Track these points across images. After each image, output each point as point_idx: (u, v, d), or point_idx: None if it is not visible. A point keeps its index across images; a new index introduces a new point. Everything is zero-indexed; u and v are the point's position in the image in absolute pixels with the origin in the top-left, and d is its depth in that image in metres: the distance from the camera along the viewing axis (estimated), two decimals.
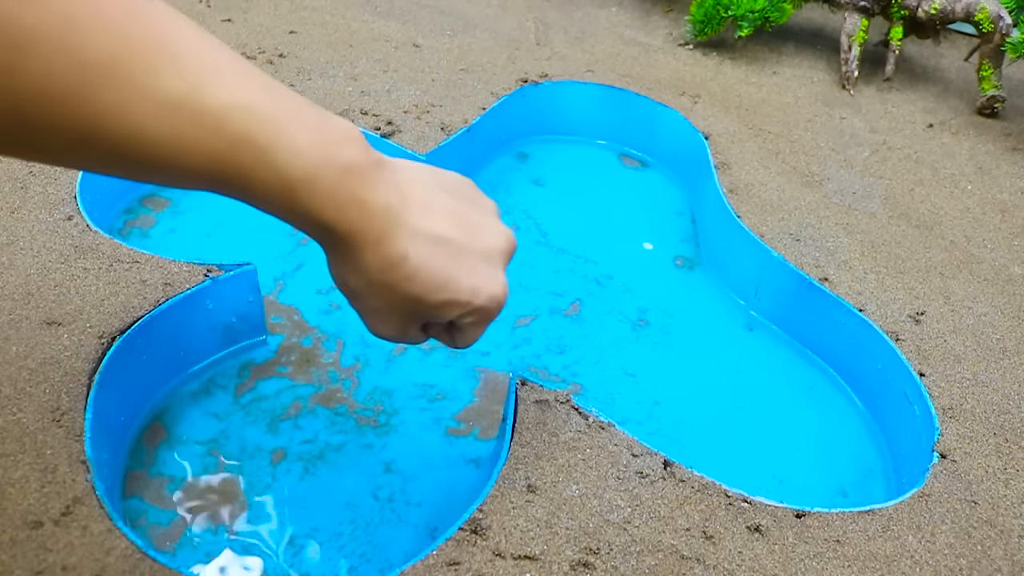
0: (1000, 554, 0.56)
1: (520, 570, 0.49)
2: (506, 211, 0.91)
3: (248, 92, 0.33)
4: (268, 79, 0.35)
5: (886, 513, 0.57)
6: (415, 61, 1.04)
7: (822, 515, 0.56)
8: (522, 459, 0.55)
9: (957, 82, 1.20)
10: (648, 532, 0.53)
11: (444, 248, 0.41)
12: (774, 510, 0.56)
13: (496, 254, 0.45)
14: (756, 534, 0.54)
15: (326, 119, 0.36)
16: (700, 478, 0.57)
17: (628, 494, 0.55)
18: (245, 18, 1.10)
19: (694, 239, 0.91)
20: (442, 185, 0.44)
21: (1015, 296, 0.79)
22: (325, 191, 0.35)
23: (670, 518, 0.54)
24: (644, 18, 1.27)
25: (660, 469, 0.57)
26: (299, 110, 0.35)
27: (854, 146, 1.01)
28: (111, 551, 0.48)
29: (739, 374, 0.77)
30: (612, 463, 0.56)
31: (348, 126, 0.37)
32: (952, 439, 0.64)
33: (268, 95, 0.34)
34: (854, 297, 0.75)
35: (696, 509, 0.55)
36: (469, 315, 0.44)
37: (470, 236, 0.43)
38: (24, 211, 0.71)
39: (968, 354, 0.72)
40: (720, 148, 0.94)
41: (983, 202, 0.93)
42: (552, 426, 0.58)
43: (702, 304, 0.83)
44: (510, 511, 0.53)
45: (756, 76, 1.14)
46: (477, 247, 0.43)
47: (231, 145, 0.33)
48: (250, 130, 0.33)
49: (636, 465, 0.56)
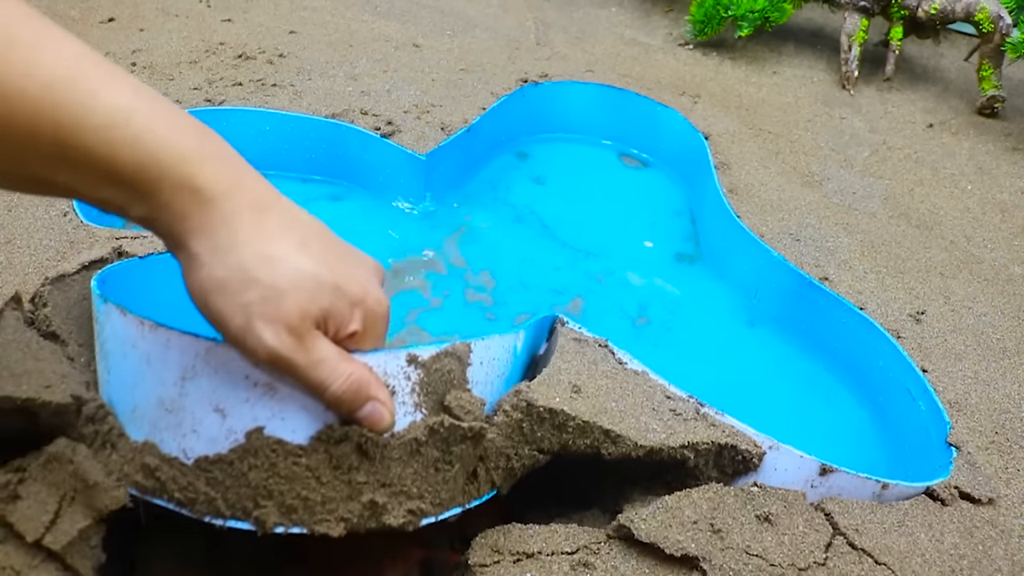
0: (1000, 554, 0.55)
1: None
2: (507, 209, 0.91)
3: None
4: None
5: (902, 508, 0.56)
6: (415, 61, 1.04)
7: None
8: (564, 370, 0.54)
9: (957, 82, 1.20)
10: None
11: (324, 239, 0.41)
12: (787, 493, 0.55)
13: (371, 268, 0.44)
14: (766, 523, 0.54)
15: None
16: (731, 425, 0.55)
17: (663, 424, 0.54)
18: (245, 18, 1.10)
19: (694, 237, 0.91)
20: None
21: (1015, 296, 0.79)
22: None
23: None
24: (644, 18, 1.27)
25: (693, 412, 0.55)
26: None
27: (854, 146, 1.01)
28: None
29: (740, 371, 0.77)
30: (648, 397, 0.55)
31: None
32: (963, 432, 0.64)
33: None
34: (854, 296, 0.75)
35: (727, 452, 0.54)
36: (360, 317, 0.41)
37: (342, 247, 0.42)
38: (21, 208, 0.71)
39: (968, 353, 0.72)
40: (720, 148, 0.94)
41: (983, 202, 0.93)
42: (591, 357, 0.57)
43: (703, 301, 0.83)
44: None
45: (756, 76, 1.14)
46: (357, 252, 0.43)
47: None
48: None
49: (670, 405, 0.55)
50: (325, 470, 0.43)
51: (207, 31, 1.07)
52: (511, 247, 0.87)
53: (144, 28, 1.06)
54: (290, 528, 0.43)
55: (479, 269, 0.83)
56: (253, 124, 0.87)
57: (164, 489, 0.43)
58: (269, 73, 0.97)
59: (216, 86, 0.93)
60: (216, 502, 0.43)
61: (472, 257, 0.85)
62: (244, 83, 0.94)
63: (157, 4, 1.14)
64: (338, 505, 0.44)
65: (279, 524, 0.43)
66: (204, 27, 1.08)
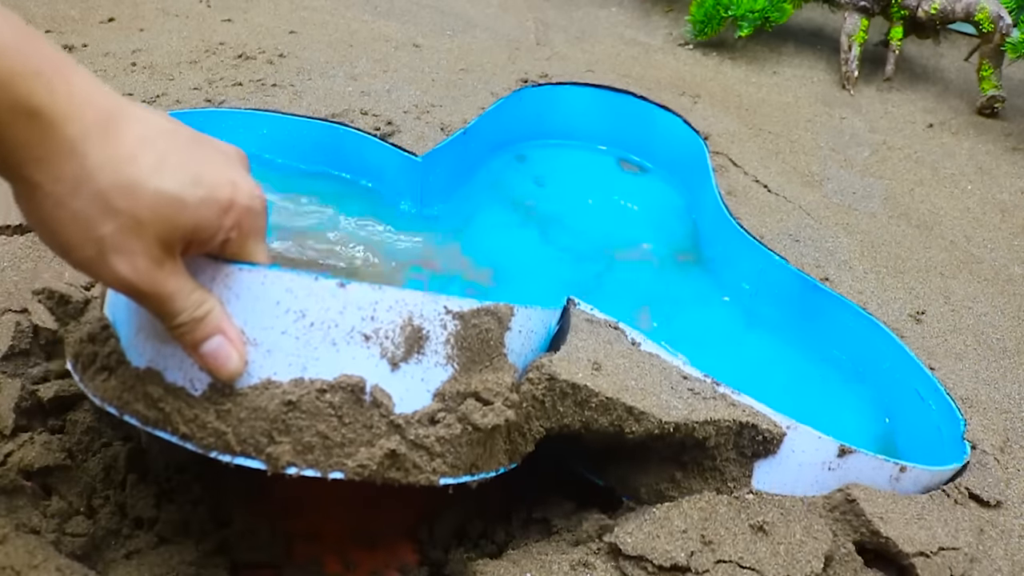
0: (1000, 554, 0.55)
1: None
2: (507, 209, 0.91)
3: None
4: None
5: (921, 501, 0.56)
6: (415, 61, 1.04)
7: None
8: (581, 348, 0.53)
9: (957, 82, 1.20)
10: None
11: (181, 145, 0.37)
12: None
13: (235, 159, 0.41)
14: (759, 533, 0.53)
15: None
16: (750, 404, 0.54)
17: (684, 402, 0.52)
18: (245, 18, 1.10)
19: (694, 237, 0.91)
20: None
21: (1015, 296, 0.79)
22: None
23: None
24: (644, 18, 1.27)
25: (711, 391, 0.54)
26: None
27: (854, 146, 1.01)
28: None
29: (740, 372, 0.76)
30: (665, 376, 0.54)
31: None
32: (977, 430, 0.64)
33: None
34: (855, 296, 0.75)
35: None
36: (233, 222, 0.39)
37: (201, 148, 0.39)
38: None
39: (968, 353, 0.72)
40: (720, 148, 0.94)
41: (983, 202, 0.93)
42: (606, 337, 0.56)
43: (702, 303, 0.83)
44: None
45: (756, 76, 1.14)
46: (216, 145, 0.40)
47: None
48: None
49: (687, 384, 0.54)
50: (349, 409, 0.41)
51: (207, 31, 1.07)
52: (511, 247, 0.87)
53: (144, 28, 1.06)
54: (303, 470, 0.41)
55: (479, 269, 0.83)
56: (252, 125, 0.87)
57: (168, 421, 0.41)
58: (269, 73, 0.97)
59: (216, 86, 0.93)
60: (226, 436, 0.41)
61: (472, 257, 0.85)
62: (244, 83, 0.94)
63: (157, 4, 1.14)
64: (357, 449, 0.42)
65: (292, 464, 0.41)
66: (204, 27, 1.08)
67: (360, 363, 0.42)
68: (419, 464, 0.43)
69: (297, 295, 0.41)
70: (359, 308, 0.42)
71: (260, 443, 0.41)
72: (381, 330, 0.43)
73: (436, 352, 0.44)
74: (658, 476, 0.54)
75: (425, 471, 0.43)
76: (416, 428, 0.43)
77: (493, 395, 0.45)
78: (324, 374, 0.41)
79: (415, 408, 0.43)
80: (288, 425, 0.41)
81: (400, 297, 0.43)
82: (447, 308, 0.44)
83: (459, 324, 0.45)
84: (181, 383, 0.41)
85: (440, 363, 0.44)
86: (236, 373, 0.41)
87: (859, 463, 0.55)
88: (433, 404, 0.44)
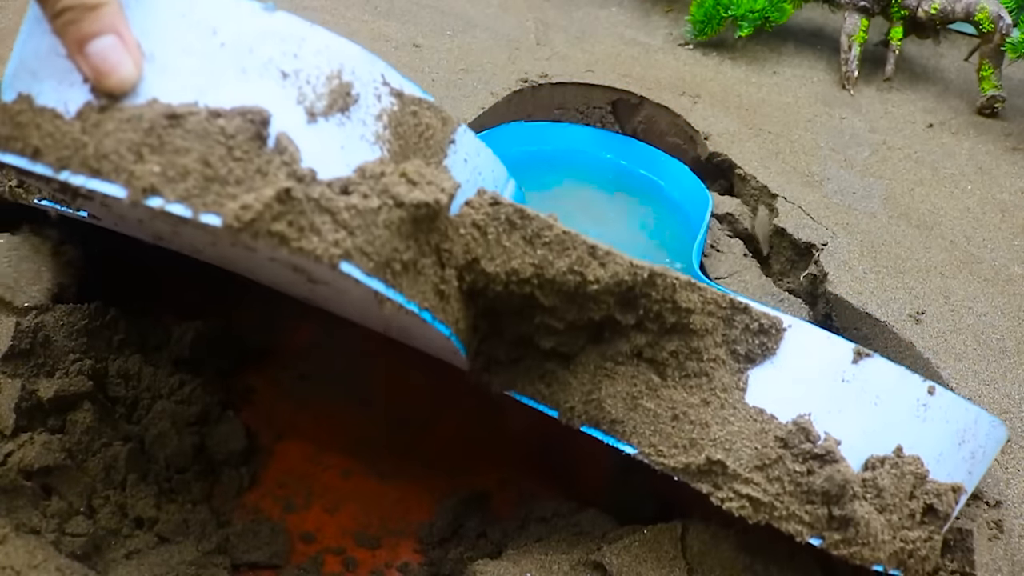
0: (1000, 554, 0.55)
1: None
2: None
3: None
4: None
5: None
6: (415, 61, 1.04)
7: None
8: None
9: (957, 82, 1.20)
10: None
11: None
12: None
13: None
14: None
15: None
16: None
17: (659, 264, 0.45)
18: None
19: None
20: None
21: (1015, 296, 0.79)
22: None
23: None
24: (644, 18, 1.27)
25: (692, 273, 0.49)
26: None
27: (854, 146, 1.01)
28: None
29: None
30: (633, 248, 0.49)
31: None
32: None
33: None
34: (854, 297, 0.75)
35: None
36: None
37: None
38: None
39: (968, 353, 0.72)
40: (720, 148, 0.94)
41: (983, 202, 0.93)
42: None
43: None
44: None
45: (756, 76, 1.14)
46: None
47: None
48: None
49: (664, 257, 0.50)
50: (244, 142, 0.34)
51: None
52: None
53: None
54: (169, 203, 0.33)
55: None
56: None
57: (23, 138, 0.34)
58: None
59: None
60: (85, 149, 0.33)
61: None
62: None
63: None
64: (240, 193, 0.33)
65: (156, 192, 0.33)
66: None
67: (272, 101, 0.35)
68: (318, 227, 0.34)
69: (210, 8, 0.35)
70: (282, 40, 0.36)
71: (124, 159, 0.33)
72: (303, 72, 0.36)
73: (364, 123, 0.37)
74: (632, 381, 0.45)
75: (325, 240, 0.34)
76: (323, 188, 0.35)
77: (425, 181, 0.37)
78: (224, 104, 0.34)
79: (328, 176, 0.36)
80: (164, 142, 0.33)
81: (333, 42, 0.37)
82: (385, 79, 0.38)
83: (396, 104, 0.38)
84: (52, 104, 0.34)
85: (367, 139, 0.37)
86: (126, 82, 0.34)
87: (879, 373, 0.45)
88: (351, 176, 0.36)
